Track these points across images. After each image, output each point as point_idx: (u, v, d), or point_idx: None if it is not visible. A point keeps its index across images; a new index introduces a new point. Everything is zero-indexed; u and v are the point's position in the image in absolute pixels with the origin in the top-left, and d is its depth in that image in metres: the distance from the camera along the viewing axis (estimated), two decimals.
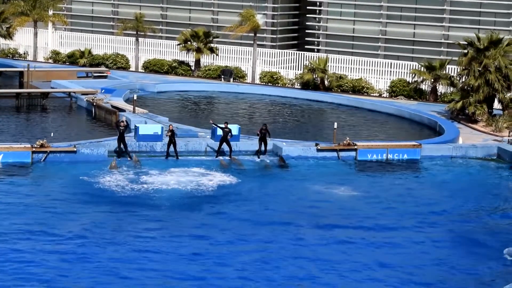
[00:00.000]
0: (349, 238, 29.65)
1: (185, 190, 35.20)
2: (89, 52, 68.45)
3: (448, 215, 33.50)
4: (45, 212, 31.09)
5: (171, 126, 40.68)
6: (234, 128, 42.20)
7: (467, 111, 51.57)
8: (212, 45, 65.48)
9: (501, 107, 52.40)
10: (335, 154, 42.35)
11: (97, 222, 29.94)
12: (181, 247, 27.91)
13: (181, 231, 29.71)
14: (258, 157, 41.37)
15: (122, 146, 39.72)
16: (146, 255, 26.91)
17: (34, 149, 38.48)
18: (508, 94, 51.74)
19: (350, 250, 28.50)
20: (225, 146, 40.76)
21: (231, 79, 64.10)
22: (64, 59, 69.53)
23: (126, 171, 37.68)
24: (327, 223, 31.40)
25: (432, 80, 58.47)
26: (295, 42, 72.94)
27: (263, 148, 41.45)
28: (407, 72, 61.36)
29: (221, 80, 64.26)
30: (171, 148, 40.14)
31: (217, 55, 65.63)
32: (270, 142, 41.73)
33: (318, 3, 68.40)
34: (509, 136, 46.28)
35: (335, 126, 43.63)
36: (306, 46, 69.28)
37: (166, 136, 40.14)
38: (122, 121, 40.59)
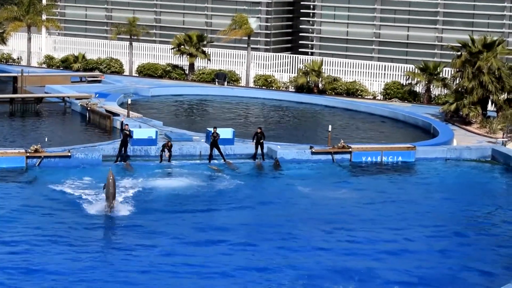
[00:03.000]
0: (345, 238, 29.73)
1: (177, 194, 35.12)
2: (83, 56, 68.42)
3: (440, 215, 33.58)
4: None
5: (127, 125, 40.56)
6: (228, 132, 42.21)
7: (461, 113, 51.64)
8: (205, 48, 65.53)
9: (495, 109, 52.47)
10: (329, 157, 42.35)
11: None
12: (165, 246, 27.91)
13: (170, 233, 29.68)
14: (254, 161, 41.39)
15: (123, 150, 39.83)
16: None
17: (28, 154, 38.41)
18: (502, 96, 51.80)
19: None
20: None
21: (225, 83, 64.12)
22: (58, 64, 69.50)
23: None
24: (319, 225, 31.31)
25: (426, 82, 58.56)
26: (289, 45, 72.99)
27: (259, 151, 41.40)
28: (401, 75, 61.46)
29: (215, 83, 64.29)
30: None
31: (209, 60, 65.62)
32: (265, 146, 41.68)
33: (311, 7, 68.41)
34: (503, 138, 46.35)
35: (330, 129, 43.67)
36: (300, 49, 69.27)
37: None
38: (127, 125, 40.63)
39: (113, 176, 32.46)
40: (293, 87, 62.75)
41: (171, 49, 66.44)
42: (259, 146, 41.35)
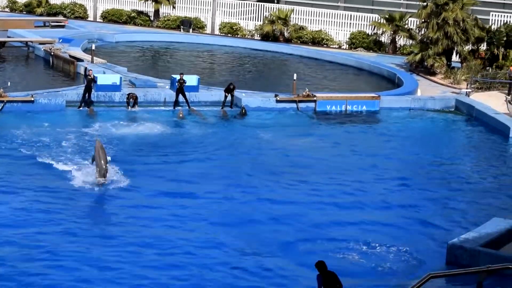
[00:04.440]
0: (299, 184, 29.75)
1: (138, 140, 34.92)
2: (47, 1, 67.48)
3: (402, 163, 33.80)
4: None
5: (91, 71, 40.29)
6: (194, 79, 42.04)
7: (426, 64, 51.77)
8: None
9: (459, 60, 52.69)
10: (294, 105, 42.39)
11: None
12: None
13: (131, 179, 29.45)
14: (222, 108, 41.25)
15: (87, 96, 39.57)
16: None
17: None
18: (467, 47, 52.00)
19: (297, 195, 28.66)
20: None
21: (190, 30, 63.68)
22: (21, 8, 68.50)
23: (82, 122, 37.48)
24: (279, 172, 31.25)
25: (392, 32, 58.60)
26: None
27: (229, 98, 41.26)
28: (367, 24, 61.34)
29: (180, 30, 63.82)
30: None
31: (174, 7, 65.03)
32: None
33: None
34: (467, 89, 46.61)
35: (295, 78, 43.64)
36: None
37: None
38: (91, 70, 40.32)
39: (101, 146, 29.52)
40: (258, 35, 62.49)
41: None
42: (229, 95, 41.18)
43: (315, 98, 42.58)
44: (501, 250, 21.98)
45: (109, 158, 28.85)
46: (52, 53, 50.13)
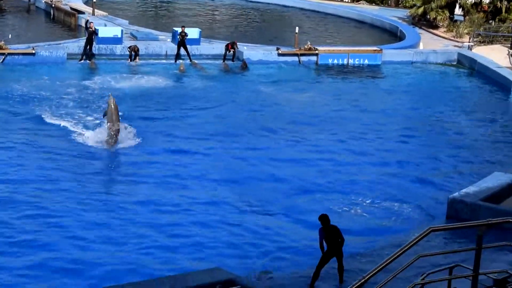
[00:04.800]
0: (308, 142, 29.69)
1: (139, 93, 34.80)
2: None
3: (403, 118, 33.78)
4: None
5: (92, 23, 40.11)
6: (195, 32, 41.88)
7: (428, 17, 51.59)
8: None
9: (462, 13, 52.45)
10: (296, 58, 42.29)
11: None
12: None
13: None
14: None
15: (88, 48, 39.48)
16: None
17: None
18: (469, 0, 51.73)
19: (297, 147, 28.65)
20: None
21: None
22: None
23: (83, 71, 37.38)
24: (279, 127, 31.03)
25: None
26: None
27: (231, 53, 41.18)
28: None
29: None
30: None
31: None
32: None
33: None
34: (469, 42, 46.45)
35: (297, 31, 43.49)
36: None
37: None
38: (92, 23, 40.16)
39: (114, 102, 28.12)
40: None
41: None
42: (231, 50, 41.08)
43: (317, 52, 42.46)
44: (501, 204, 22.02)
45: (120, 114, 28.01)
46: (53, 5, 49.91)
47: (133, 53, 39.85)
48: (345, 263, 17.67)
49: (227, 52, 41.07)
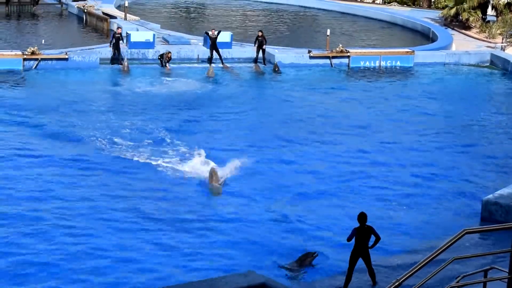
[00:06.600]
0: (344, 143, 29.62)
1: (171, 97, 34.86)
2: None
3: (436, 120, 33.58)
4: None
5: (120, 29, 40.31)
6: (226, 35, 41.91)
7: (460, 18, 51.28)
8: None
9: (494, 13, 52.11)
10: (328, 61, 42.21)
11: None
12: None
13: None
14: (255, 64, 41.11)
15: (116, 53, 39.69)
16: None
17: (25, 56, 38.20)
18: (502, 0, 51.38)
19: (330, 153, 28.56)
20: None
21: None
22: None
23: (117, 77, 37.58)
24: (310, 130, 31.01)
25: None
26: None
27: (260, 55, 41.14)
28: None
29: None
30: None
31: None
32: None
33: None
34: (502, 43, 46.13)
35: (328, 33, 43.39)
36: None
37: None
38: (120, 28, 40.39)
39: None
40: None
41: None
42: (260, 50, 41.06)
43: (348, 54, 42.35)
44: None
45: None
46: (85, 11, 50.24)
47: (166, 58, 39.83)
48: (379, 263, 17.65)
49: (258, 53, 40.88)
